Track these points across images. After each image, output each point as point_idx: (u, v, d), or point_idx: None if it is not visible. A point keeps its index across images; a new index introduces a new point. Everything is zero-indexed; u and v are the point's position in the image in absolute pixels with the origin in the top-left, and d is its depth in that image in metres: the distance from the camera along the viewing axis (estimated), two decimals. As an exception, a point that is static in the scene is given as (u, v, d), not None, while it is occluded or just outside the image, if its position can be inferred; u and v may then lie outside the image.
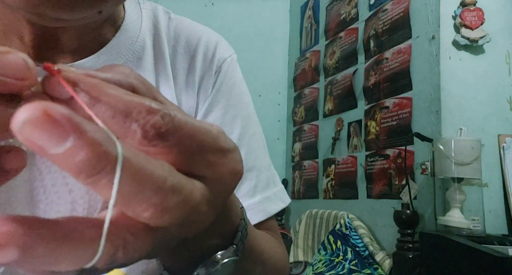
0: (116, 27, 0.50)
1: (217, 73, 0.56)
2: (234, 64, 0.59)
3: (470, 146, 1.33)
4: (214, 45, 0.57)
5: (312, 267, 1.81)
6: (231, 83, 0.57)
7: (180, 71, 0.54)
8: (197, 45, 0.56)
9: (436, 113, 1.52)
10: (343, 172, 2.05)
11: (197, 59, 0.55)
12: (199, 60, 0.55)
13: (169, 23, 0.56)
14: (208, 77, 0.55)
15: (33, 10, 0.35)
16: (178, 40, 0.55)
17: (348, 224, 1.78)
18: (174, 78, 0.53)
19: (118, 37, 0.49)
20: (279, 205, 0.55)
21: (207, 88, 0.55)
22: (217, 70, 0.56)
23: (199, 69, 0.55)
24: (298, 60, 2.61)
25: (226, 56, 0.58)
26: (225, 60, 0.57)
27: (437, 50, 1.54)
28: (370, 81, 1.90)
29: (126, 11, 0.52)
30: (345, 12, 2.17)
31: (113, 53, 0.48)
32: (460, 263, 1.17)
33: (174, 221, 0.20)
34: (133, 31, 0.51)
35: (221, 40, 0.59)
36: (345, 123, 2.07)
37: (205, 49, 0.56)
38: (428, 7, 1.60)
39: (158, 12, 0.56)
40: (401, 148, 1.66)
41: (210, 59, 0.56)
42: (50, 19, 0.37)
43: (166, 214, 0.19)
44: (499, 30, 1.56)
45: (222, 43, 0.59)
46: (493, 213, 1.47)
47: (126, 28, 0.51)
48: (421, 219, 1.51)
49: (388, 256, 1.59)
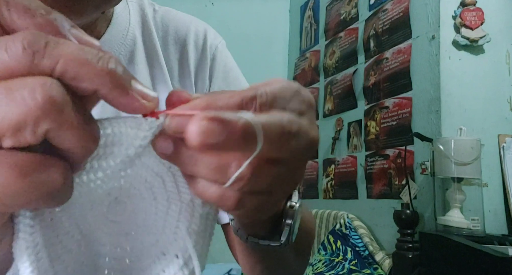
0: (107, 21, 0.51)
1: (211, 61, 0.57)
2: (225, 49, 0.60)
3: (470, 146, 1.33)
4: (203, 33, 0.58)
5: (312, 267, 1.81)
6: (227, 68, 0.58)
7: (173, 61, 0.55)
8: (187, 35, 0.56)
9: (436, 113, 1.52)
10: (343, 172, 2.05)
11: (188, 49, 0.56)
12: (191, 50, 0.56)
13: (155, 15, 0.56)
14: (203, 66, 0.56)
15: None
16: (167, 31, 0.56)
17: (348, 224, 1.78)
18: (169, 70, 0.54)
19: (109, 31, 0.50)
20: None
21: (204, 76, 0.56)
22: (211, 58, 0.57)
23: (192, 58, 0.56)
24: (298, 60, 2.61)
25: (216, 42, 0.59)
26: (217, 46, 0.58)
27: (437, 50, 1.54)
28: (370, 81, 1.90)
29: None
30: (345, 12, 2.17)
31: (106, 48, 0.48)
32: (460, 263, 1.17)
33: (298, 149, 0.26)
34: (123, 24, 0.52)
35: (208, 27, 0.60)
36: (345, 123, 2.07)
37: (195, 38, 0.57)
38: (428, 7, 1.60)
39: (144, 5, 0.56)
40: (401, 148, 1.66)
41: (201, 47, 0.57)
42: None
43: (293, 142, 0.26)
44: (499, 30, 1.56)
45: (210, 31, 0.60)
46: (493, 213, 1.47)
47: (116, 22, 0.51)
48: (421, 219, 1.51)
49: (388, 256, 1.59)
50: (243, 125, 0.23)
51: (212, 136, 0.22)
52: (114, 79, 0.22)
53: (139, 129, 0.25)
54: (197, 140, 0.22)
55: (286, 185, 0.29)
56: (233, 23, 2.56)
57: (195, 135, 0.22)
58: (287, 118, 0.25)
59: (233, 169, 0.24)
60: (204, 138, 0.22)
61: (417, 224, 1.47)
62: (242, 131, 0.23)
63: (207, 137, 0.22)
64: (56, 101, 0.21)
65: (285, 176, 0.27)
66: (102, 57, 0.22)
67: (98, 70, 0.22)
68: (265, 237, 0.37)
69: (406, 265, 1.39)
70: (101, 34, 0.49)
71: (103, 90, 0.23)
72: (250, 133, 0.23)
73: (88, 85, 0.22)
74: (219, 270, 1.96)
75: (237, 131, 0.23)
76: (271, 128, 0.24)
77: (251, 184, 0.25)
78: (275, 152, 0.25)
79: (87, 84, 0.22)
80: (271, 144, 0.24)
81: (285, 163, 0.27)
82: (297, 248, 0.46)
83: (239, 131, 0.23)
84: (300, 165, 0.29)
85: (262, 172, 0.25)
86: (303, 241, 0.48)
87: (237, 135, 0.23)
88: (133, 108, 0.24)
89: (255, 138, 0.23)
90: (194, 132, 0.22)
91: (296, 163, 0.28)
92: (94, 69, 0.22)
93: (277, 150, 0.25)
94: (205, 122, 0.22)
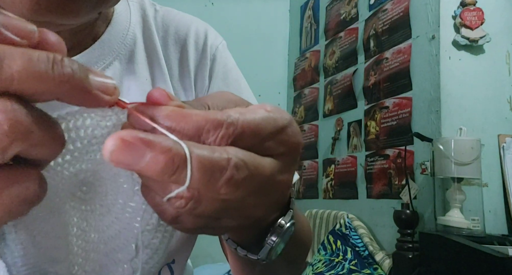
0: (107, 21, 0.50)
1: (211, 61, 0.57)
2: (226, 50, 0.60)
3: (470, 146, 1.33)
4: (203, 33, 0.58)
5: (312, 267, 1.81)
6: (227, 69, 0.58)
7: (173, 61, 0.55)
8: (187, 35, 0.56)
9: (436, 113, 1.52)
10: (343, 172, 2.05)
11: (189, 49, 0.56)
12: (191, 50, 0.56)
13: (156, 15, 0.56)
14: (203, 66, 0.56)
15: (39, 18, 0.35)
16: (167, 31, 0.56)
17: (348, 224, 1.78)
18: (169, 70, 0.54)
19: (109, 31, 0.50)
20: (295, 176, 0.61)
21: (204, 76, 0.56)
22: (211, 58, 0.57)
23: (192, 59, 0.56)
24: (298, 60, 2.61)
25: (217, 43, 0.58)
26: (217, 47, 0.58)
27: (437, 50, 1.54)
28: (370, 81, 1.90)
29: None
30: (345, 12, 2.17)
31: (105, 48, 0.48)
32: (460, 263, 1.17)
33: (248, 192, 0.24)
34: (123, 24, 0.52)
35: (209, 28, 0.60)
36: (345, 123, 2.07)
37: (196, 38, 0.57)
38: (428, 7, 1.60)
39: (144, 5, 0.56)
40: (401, 148, 1.66)
41: (202, 48, 0.57)
42: (55, 25, 0.38)
43: (239, 188, 0.23)
44: (499, 30, 1.56)
45: (211, 31, 0.59)
46: (493, 213, 1.47)
47: (117, 22, 0.51)
48: (421, 219, 1.51)
49: (387, 256, 1.59)
50: (168, 155, 0.21)
51: (122, 157, 0.21)
52: (73, 84, 0.21)
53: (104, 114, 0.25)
54: (107, 156, 0.21)
55: (239, 217, 0.27)
56: (233, 23, 2.56)
57: (105, 151, 0.21)
58: (234, 163, 0.23)
59: (173, 188, 0.23)
60: (114, 157, 0.21)
61: (417, 224, 1.47)
62: (167, 160, 0.21)
63: (116, 156, 0.21)
64: (22, 124, 0.20)
65: (235, 210, 0.26)
66: (54, 61, 0.21)
67: (56, 81, 0.20)
68: (247, 248, 0.35)
69: (406, 265, 1.39)
70: (100, 33, 0.49)
71: (65, 98, 0.22)
72: (178, 165, 0.22)
73: (49, 96, 0.21)
74: (219, 270, 1.96)
75: (161, 159, 0.21)
76: (206, 168, 0.22)
77: (191, 207, 0.24)
78: (213, 193, 0.23)
79: (47, 96, 0.21)
80: (207, 184, 0.22)
81: (232, 202, 0.25)
82: (289, 260, 0.45)
83: (164, 159, 0.21)
84: (257, 203, 0.26)
85: (204, 200, 0.24)
86: (296, 253, 0.47)
87: (162, 162, 0.21)
88: (95, 105, 0.23)
89: (185, 170, 0.22)
90: (105, 147, 0.21)
91: (248, 203, 0.25)
92: (52, 81, 0.20)
93: (214, 192, 0.23)
94: (118, 142, 0.21)
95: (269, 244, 0.33)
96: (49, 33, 0.22)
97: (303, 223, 0.49)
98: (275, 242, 0.33)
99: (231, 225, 0.28)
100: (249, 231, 0.34)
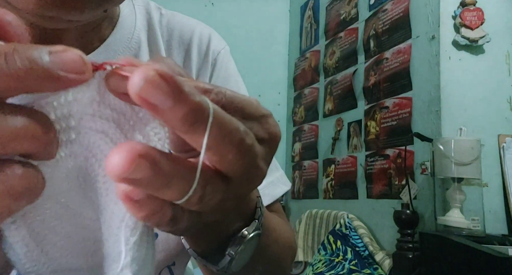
0: (113, 24, 0.51)
1: (212, 66, 0.57)
2: (228, 56, 0.60)
3: (470, 146, 1.33)
4: (207, 38, 0.58)
5: (312, 267, 1.81)
6: (227, 74, 0.58)
7: None
8: (191, 39, 0.56)
9: (436, 113, 1.52)
10: (343, 172, 2.05)
11: (192, 53, 0.56)
12: (194, 54, 0.56)
13: (161, 19, 0.56)
14: (205, 70, 0.56)
15: (45, 13, 0.35)
16: (171, 34, 0.56)
17: (348, 224, 1.78)
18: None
19: (114, 34, 0.50)
20: (282, 189, 0.59)
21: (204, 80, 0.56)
22: (212, 63, 0.57)
23: (195, 63, 0.56)
24: (298, 60, 2.61)
25: (220, 48, 0.59)
26: (219, 52, 0.58)
27: (437, 50, 1.54)
28: (370, 81, 1.90)
29: (120, 7, 0.52)
30: (345, 12, 2.17)
31: (110, 51, 0.49)
32: (460, 263, 1.17)
33: (247, 165, 0.23)
34: (128, 28, 0.52)
35: (213, 32, 0.60)
36: (345, 123, 2.07)
37: (199, 42, 0.57)
38: (428, 7, 1.60)
39: (150, 8, 0.56)
40: (401, 148, 1.66)
41: (204, 52, 0.57)
42: (61, 21, 0.38)
43: (246, 155, 0.23)
44: (499, 30, 1.56)
45: (214, 36, 0.59)
46: (493, 213, 1.47)
47: (122, 25, 0.51)
48: (421, 219, 1.51)
49: (388, 256, 1.59)
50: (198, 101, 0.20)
51: (155, 94, 0.19)
52: (35, 75, 0.19)
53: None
54: (134, 90, 0.19)
55: (220, 208, 0.25)
56: (233, 23, 2.56)
57: (133, 85, 0.19)
58: (244, 128, 0.22)
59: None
60: (143, 92, 0.19)
61: (417, 224, 1.47)
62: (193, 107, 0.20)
63: (145, 91, 0.19)
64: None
65: (225, 193, 0.24)
66: (6, 55, 0.18)
67: (14, 76, 0.18)
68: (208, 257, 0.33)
69: (406, 265, 1.39)
70: (107, 35, 0.49)
71: (33, 90, 0.20)
72: (201, 114, 0.20)
73: (14, 93, 0.20)
74: (219, 270, 1.96)
75: (188, 104, 0.19)
76: (223, 126, 0.21)
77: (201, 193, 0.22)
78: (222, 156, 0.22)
79: (12, 93, 0.19)
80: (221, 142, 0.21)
81: (232, 182, 0.24)
82: (264, 271, 0.42)
83: (190, 106, 0.20)
84: (241, 185, 0.25)
85: (209, 187, 0.22)
86: (270, 269, 0.44)
87: (186, 110, 0.19)
88: (70, 86, 0.21)
89: (204, 124, 0.20)
90: (133, 82, 0.19)
91: (236, 183, 0.24)
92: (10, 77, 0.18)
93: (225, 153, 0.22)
94: (154, 73, 0.19)
95: (230, 255, 0.32)
96: (5, 13, 0.21)
97: (279, 237, 0.47)
98: (236, 253, 0.32)
99: (208, 221, 0.26)
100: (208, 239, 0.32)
